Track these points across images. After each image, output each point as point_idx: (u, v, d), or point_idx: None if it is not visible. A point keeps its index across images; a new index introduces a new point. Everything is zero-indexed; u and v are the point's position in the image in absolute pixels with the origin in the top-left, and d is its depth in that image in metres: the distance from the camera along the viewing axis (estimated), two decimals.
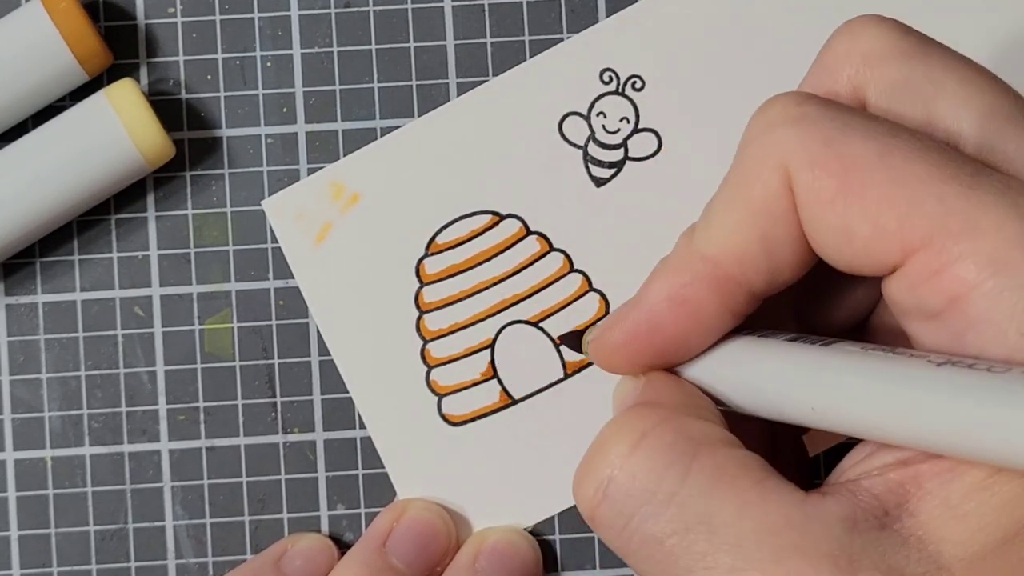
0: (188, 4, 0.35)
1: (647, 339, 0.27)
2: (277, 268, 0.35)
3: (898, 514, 0.23)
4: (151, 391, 0.35)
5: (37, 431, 0.35)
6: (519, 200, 0.35)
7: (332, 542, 0.34)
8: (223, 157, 0.35)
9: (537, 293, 0.35)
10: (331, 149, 0.35)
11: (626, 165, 0.35)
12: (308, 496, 0.35)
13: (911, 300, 0.24)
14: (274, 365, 0.35)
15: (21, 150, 0.34)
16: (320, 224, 0.35)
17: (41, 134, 0.34)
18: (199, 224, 0.35)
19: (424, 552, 0.33)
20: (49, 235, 0.35)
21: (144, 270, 0.35)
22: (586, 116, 0.35)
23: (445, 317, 0.35)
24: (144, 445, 0.35)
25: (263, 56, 0.35)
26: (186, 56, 0.35)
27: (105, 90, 0.34)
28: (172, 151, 0.34)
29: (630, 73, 0.35)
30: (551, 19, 0.36)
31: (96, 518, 0.35)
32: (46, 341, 0.35)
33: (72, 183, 0.33)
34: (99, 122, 0.33)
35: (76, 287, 0.35)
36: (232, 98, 0.35)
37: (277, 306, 0.35)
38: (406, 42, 0.36)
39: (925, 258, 0.23)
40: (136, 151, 0.33)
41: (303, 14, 0.35)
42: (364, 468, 0.35)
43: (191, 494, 0.35)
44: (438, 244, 0.35)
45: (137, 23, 0.35)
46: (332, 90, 0.35)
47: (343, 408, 0.35)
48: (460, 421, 0.35)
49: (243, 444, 0.35)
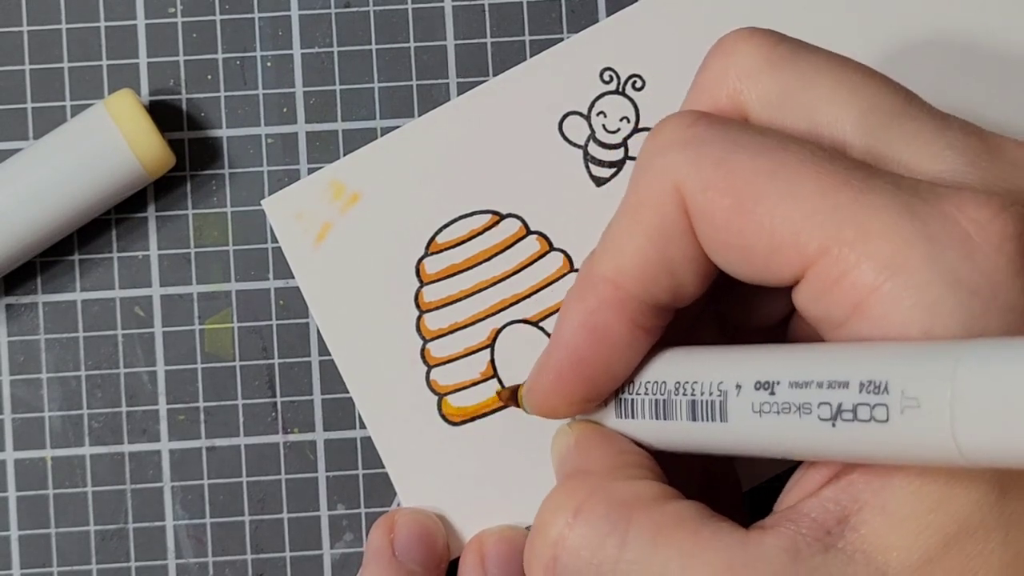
0: (188, 4, 0.35)
1: (574, 374, 0.27)
2: (277, 268, 0.35)
3: (840, 531, 0.23)
4: (151, 391, 0.35)
5: (37, 431, 0.35)
6: (519, 200, 0.35)
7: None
8: (223, 157, 0.35)
9: (537, 293, 0.35)
10: (331, 149, 0.35)
11: (626, 165, 0.35)
12: (308, 496, 0.35)
13: (818, 310, 0.24)
14: (274, 365, 0.35)
15: (21, 163, 0.34)
16: (320, 224, 0.35)
17: (41, 146, 0.34)
18: (199, 224, 0.35)
19: (431, 552, 0.34)
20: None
21: (144, 270, 0.35)
22: (586, 116, 0.35)
23: (445, 317, 0.35)
24: (144, 445, 0.35)
25: (263, 56, 0.35)
26: (186, 56, 0.35)
27: (104, 101, 0.34)
28: (172, 160, 0.34)
29: (630, 73, 0.35)
30: (551, 19, 0.36)
31: (96, 518, 0.35)
32: (46, 341, 0.35)
33: (72, 194, 0.33)
34: (99, 133, 0.33)
35: (76, 287, 0.35)
36: (232, 98, 0.35)
37: (277, 306, 0.35)
38: (406, 42, 0.36)
39: (824, 268, 0.23)
40: (136, 161, 0.33)
41: (303, 14, 0.35)
42: (364, 468, 0.35)
43: (191, 494, 0.35)
44: (438, 244, 0.35)
45: (137, 23, 0.35)
46: (332, 90, 0.35)
47: (343, 408, 0.35)
48: (460, 421, 0.35)
49: (243, 444, 0.35)
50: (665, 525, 0.25)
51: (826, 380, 0.23)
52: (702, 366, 0.26)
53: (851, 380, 0.22)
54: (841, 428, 0.22)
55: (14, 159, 0.34)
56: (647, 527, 0.25)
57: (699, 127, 0.25)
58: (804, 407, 0.23)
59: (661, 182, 0.25)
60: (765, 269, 0.24)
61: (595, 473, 0.27)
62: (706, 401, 0.25)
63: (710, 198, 0.24)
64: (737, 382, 0.25)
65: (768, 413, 0.24)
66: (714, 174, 0.24)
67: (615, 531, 0.25)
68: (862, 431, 0.22)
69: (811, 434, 0.23)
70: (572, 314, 0.27)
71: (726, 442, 0.25)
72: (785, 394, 0.23)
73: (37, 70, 0.35)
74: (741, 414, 0.25)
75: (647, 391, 0.27)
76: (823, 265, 0.23)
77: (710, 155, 0.24)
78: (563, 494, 0.26)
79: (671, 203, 0.25)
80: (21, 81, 0.35)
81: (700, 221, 0.25)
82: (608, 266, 0.26)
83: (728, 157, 0.24)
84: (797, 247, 0.23)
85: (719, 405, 0.25)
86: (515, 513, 0.35)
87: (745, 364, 0.25)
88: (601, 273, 0.27)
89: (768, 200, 0.24)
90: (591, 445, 0.28)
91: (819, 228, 0.23)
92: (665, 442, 0.28)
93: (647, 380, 0.28)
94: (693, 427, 0.26)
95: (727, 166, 0.24)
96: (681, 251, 0.25)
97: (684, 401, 0.26)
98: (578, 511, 0.26)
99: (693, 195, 0.25)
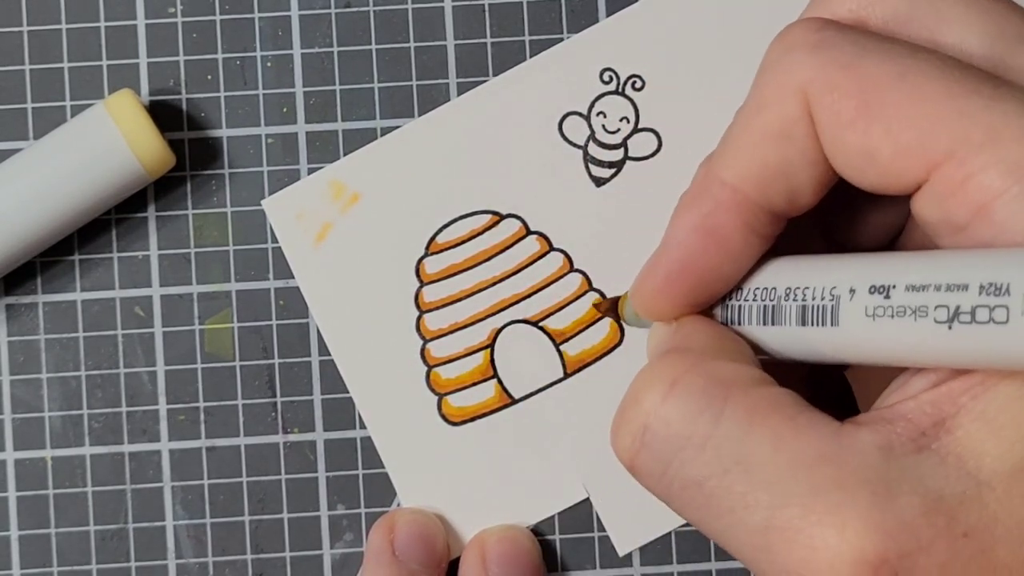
0: (188, 4, 0.35)
1: (683, 276, 0.27)
2: (277, 268, 0.35)
3: (935, 434, 0.23)
4: (151, 391, 0.35)
5: (37, 431, 0.35)
6: (519, 200, 0.35)
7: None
8: (223, 157, 0.35)
9: (537, 293, 0.35)
10: (331, 149, 0.35)
11: (626, 165, 0.35)
12: (308, 496, 0.35)
13: (938, 215, 0.24)
14: (274, 365, 0.35)
15: (21, 163, 0.34)
16: (320, 224, 0.35)
17: (41, 146, 0.34)
18: (199, 224, 0.35)
19: (431, 552, 0.34)
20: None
21: (144, 270, 0.35)
22: (586, 116, 0.35)
23: (445, 317, 0.35)
24: (144, 445, 0.35)
25: (263, 56, 0.35)
26: (186, 56, 0.35)
27: (104, 101, 0.33)
28: (172, 160, 0.34)
29: (630, 73, 0.35)
30: (551, 19, 0.36)
31: (96, 518, 0.35)
32: (46, 341, 0.35)
33: (72, 194, 0.33)
34: (98, 133, 0.33)
35: (76, 287, 0.35)
36: (232, 98, 0.35)
37: (277, 306, 0.35)
38: (406, 42, 0.36)
39: (949, 171, 0.23)
40: (136, 161, 0.33)
41: (303, 14, 0.35)
42: (364, 468, 0.35)
43: (191, 494, 0.35)
44: (438, 244, 0.35)
45: (137, 23, 0.35)
46: (332, 90, 0.35)
47: (343, 408, 0.35)
48: (460, 421, 0.35)
49: (243, 444, 0.35)
50: (761, 408, 0.24)
51: (944, 283, 0.22)
52: (814, 271, 0.26)
53: (971, 282, 0.22)
54: (958, 330, 0.22)
55: (14, 159, 0.34)
56: (743, 407, 0.24)
57: (828, 31, 0.25)
58: (920, 310, 0.23)
59: (786, 83, 0.25)
60: (889, 173, 0.24)
61: (695, 350, 0.26)
62: (817, 306, 0.25)
63: (836, 99, 0.24)
64: (851, 286, 0.24)
65: (882, 317, 0.23)
66: (842, 76, 0.24)
67: (711, 407, 0.25)
68: (980, 333, 0.22)
69: (926, 337, 0.23)
70: (687, 216, 0.27)
71: (836, 347, 0.25)
72: (901, 297, 0.23)
73: (37, 70, 0.35)
74: (853, 318, 0.24)
75: (756, 297, 0.27)
76: (948, 168, 0.23)
77: (838, 58, 0.24)
78: (661, 367, 0.26)
79: (795, 104, 0.25)
80: (21, 81, 0.35)
81: (825, 123, 0.25)
82: (726, 168, 0.26)
83: (856, 61, 0.24)
84: (923, 149, 0.23)
85: (831, 310, 0.25)
86: (515, 513, 0.35)
87: (860, 268, 0.24)
88: (718, 175, 0.26)
89: (895, 102, 0.23)
90: (692, 328, 0.28)
91: (946, 131, 0.23)
92: (773, 348, 0.27)
93: (756, 287, 0.27)
94: (802, 332, 0.26)
95: (855, 69, 0.24)
96: (801, 154, 0.25)
97: (794, 306, 0.26)
98: (675, 382, 0.25)
99: (819, 97, 0.24)
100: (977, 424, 0.23)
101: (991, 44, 0.25)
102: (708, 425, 0.25)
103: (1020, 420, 0.22)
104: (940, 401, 0.23)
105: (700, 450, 0.25)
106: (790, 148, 0.25)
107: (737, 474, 0.24)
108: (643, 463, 0.26)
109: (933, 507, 0.22)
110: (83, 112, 0.34)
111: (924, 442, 0.23)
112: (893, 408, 0.24)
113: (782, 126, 0.25)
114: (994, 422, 0.23)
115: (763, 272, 0.27)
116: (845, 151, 0.25)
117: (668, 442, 0.25)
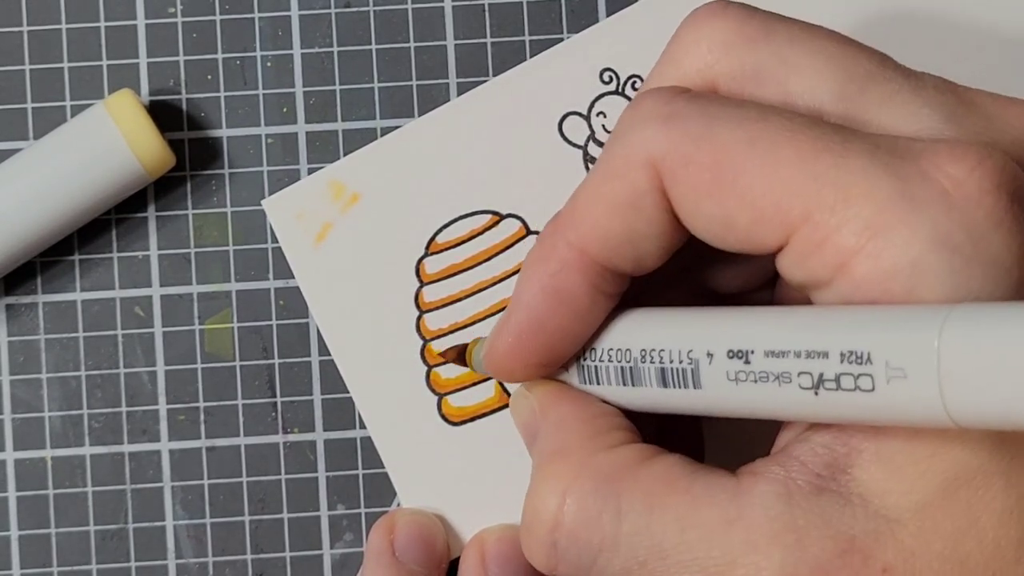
0: (188, 4, 0.35)
1: (533, 336, 0.28)
2: (277, 268, 0.35)
3: (831, 474, 0.23)
4: (151, 391, 0.35)
5: (37, 431, 0.35)
6: (519, 200, 0.35)
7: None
8: (223, 157, 0.35)
9: None
10: (331, 149, 0.35)
11: None
12: (308, 496, 0.35)
13: (801, 274, 0.24)
14: (274, 365, 0.35)
15: (21, 163, 0.34)
16: (320, 224, 0.35)
17: (41, 146, 0.34)
18: (199, 224, 0.35)
19: (431, 552, 0.34)
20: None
21: (144, 270, 0.35)
22: (586, 116, 0.35)
23: (445, 317, 0.35)
24: (144, 445, 0.35)
25: (263, 56, 0.35)
26: (186, 56, 0.35)
27: (104, 101, 0.34)
28: (172, 160, 0.34)
29: (630, 73, 0.35)
30: (551, 19, 0.36)
31: (96, 518, 0.35)
32: (46, 341, 0.35)
33: (72, 194, 0.33)
34: (98, 133, 0.33)
35: (76, 287, 0.35)
36: (232, 98, 0.35)
37: (277, 306, 0.35)
38: (406, 42, 0.36)
39: (806, 233, 0.23)
40: (136, 161, 0.33)
41: (303, 14, 0.35)
42: (364, 468, 0.35)
43: (191, 494, 0.35)
44: (438, 244, 0.35)
45: (137, 23, 0.35)
46: (332, 90, 0.35)
47: (343, 408, 0.35)
48: (460, 420, 0.35)
49: (243, 444, 0.35)
50: (656, 490, 0.25)
51: (804, 350, 0.22)
52: (670, 331, 0.26)
53: (831, 350, 0.22)
54: (824, 396, 0.22)
55: (14, 159, 0.34)
56: (639, 496, 0.25)
57: (678, 103, 0.25)
58: (783, 376, 0.23)
59: (635, 155, 0.25)
60: (748, 239, 0.24)
61: (574, 450, 0.27)
62: (677, 369, 0.25)
63: (692, 173, 0.24)
64: (708, 350, 0.24)
65: (744, 381, 0.24)
66: (695, 149, 0.24)
67: (607, 506, 0.25)
68: (848, 399, 0.22)
69: (793, 401, 0.23)
70: (533, 276, 0.27)
71: (701, 406, 0.25)
72: (761, 363, 0.23)
73: (37, 70, 0.35)
74: (716, 381, 0.24)
75: (611, 358, 0.27)
76: (806, 230, 0.23)
77: (689, 130, 0.24)
78: (548, 479, 0.26)
79: (643, 177, 0.25)
80: (21, 81, 0.35)
81: (682, 196, 0.25)
82: (572, 230, 0.26)
83: (707, 132, 0.24)
84: (779, 215, 0.23)
85: (691, 373, 0.25)
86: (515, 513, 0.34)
87: (715, 330, 0.25)
88: (564, 237, 0.27)
89: (748, 171, 0.24)
90: (562, 415, 0.28)
91: (800, 195, 0.23)
92: (637, 405, 0.27)
93: (610, 347, 0.27)
94: (664, 392, 0.26)
95: (706, 140, 0.24)
96: (648, 224, 0.26)
97: (653, 368, 0.26)
98: (565, 493, 0.26)
99: (673, 171, 0.25)
100: (876, 465, 0.23)
101: (841, 88, 0.25)
102: (611, 525, 0.25)
103: (918, 458, 0.23)
104: (832, 443, 0.24)
105: (614, 550, 0.25)
106: (637, 219, 0.26)
107: (655, 562, 0.24)
108: (566, 571, 0.26)
109: (847, 547, 0.23)
110: (83, 112, 0.34)
111: (822, 484, 0.23)
112: (786, 451, 0.24)
113: (630, 197, 0.25)
114: (892, 462, 0.23)
115: (616, 330, 0.27)
116: (704, 220, 0.25)
117: (583, 549, 0.25)
